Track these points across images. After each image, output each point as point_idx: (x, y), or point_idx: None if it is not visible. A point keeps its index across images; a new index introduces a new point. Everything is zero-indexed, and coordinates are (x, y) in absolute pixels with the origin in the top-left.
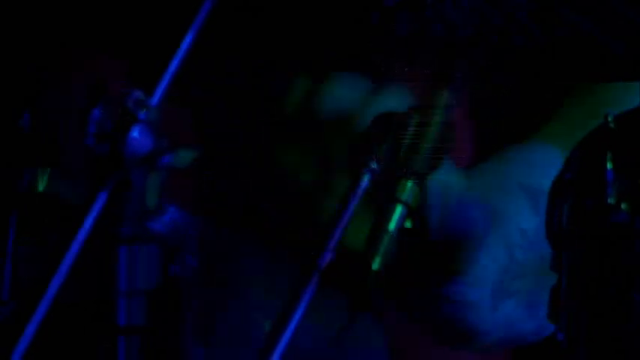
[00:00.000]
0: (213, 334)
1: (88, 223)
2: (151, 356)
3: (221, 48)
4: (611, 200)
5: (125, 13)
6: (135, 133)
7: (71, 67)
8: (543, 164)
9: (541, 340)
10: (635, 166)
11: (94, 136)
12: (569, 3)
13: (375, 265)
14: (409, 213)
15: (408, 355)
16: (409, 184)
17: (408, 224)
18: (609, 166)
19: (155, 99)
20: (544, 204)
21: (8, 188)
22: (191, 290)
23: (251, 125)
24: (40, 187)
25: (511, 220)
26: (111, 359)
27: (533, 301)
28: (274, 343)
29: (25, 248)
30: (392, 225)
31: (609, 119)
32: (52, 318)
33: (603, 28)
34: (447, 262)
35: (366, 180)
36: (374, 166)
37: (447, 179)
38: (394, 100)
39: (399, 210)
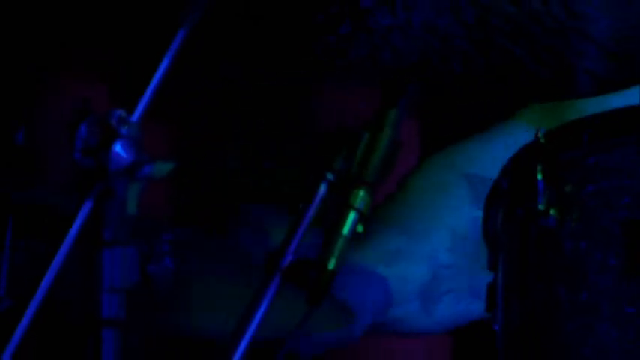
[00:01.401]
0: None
1: (75, 228)
2: (130, 347)
3: (194, 71)
4: (541, 207)
5: (108, 41)
6: (117, 147)
7: (60, 90)
8: (490, 154)
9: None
10: (562, 177)
11: (80, 151)
12: (503, 33)
13: (331, 265)
14: (361, 218)
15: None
16: (361, 192)
17: (360, 229)
18: (539, 177)
19: (135, 117)
20: (482, 190)
21: (4, 197)
22: (168, 287)
23: (223, 139)
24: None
25: (439, 226)
26: (95, 350)
27: (475, 289)
28: (242, 334)
29: (20, 250)
30: (346, 229)
31: (539, 135)
32: (44, 312)
33: (532, 55)
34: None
35: (323, 189)
36: (330, 177)
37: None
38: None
39: (352, 216)
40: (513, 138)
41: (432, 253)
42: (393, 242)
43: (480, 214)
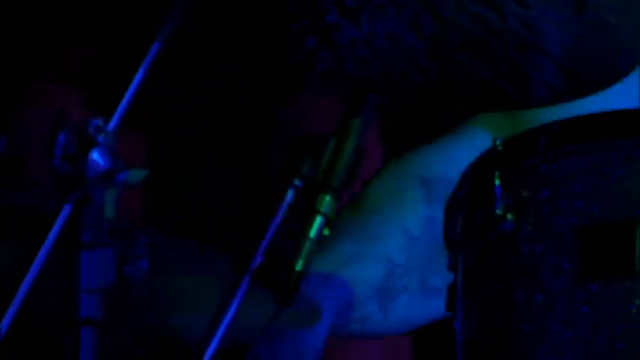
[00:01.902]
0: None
1: (55, 230)
2: (107, 345)
3: (167, 83)
4: (499, 211)
5: (87, 55)
6: (94, 155)
7: (42, 100)
8: (446, 158)
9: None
10: (519, 183)
11: (59, 158)
12: (463, 47)
13: (298, 267)
14: (327, 222)
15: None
16: (327, 198)
17: (326, 232)
18: (497, 182)
19: (112, 126)
20: (437, 190)
21: None
22: (143, 287)
23: (195, 148)
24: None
25: (392, 227)
26: (74, 348)
27: (428, 286)
28: (212, 334)
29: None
30: (312, 233)
31: (497, 143)
32: (25, 311)
33: (491, 68)
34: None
35: (290, 194)
36: (297, 182)
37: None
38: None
39: (318, 220)
40: (470, 143)
41: (386, 253)
42: (346, 247)
43: (433, 214)
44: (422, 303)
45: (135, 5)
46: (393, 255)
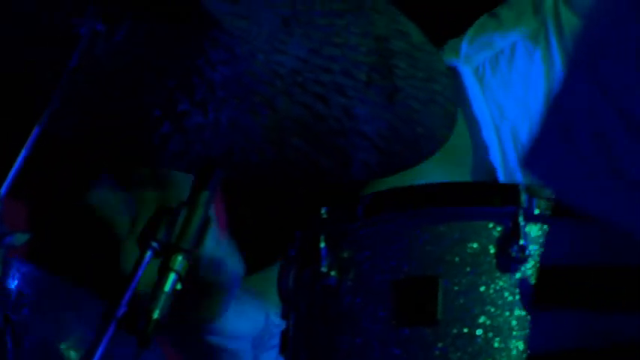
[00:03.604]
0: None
1: None
2: None
3: (46, 161)
4: (324, 269)
5: None
6: None
7: None
8: None
9: None
10: (341, 245)
11: None
12: (293, 131)
13: (155, 315)
14: (179, 278)
15: None
16: (180, 257)
17: (178, 286)
18: (322, 245)
19: None
20: None
21: None
22: (27, 330)
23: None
24: None
25: (272, 293)
26: None
27: None
28: None
29: None
30: (167, 287)
31: (322, 211)
32: None
33: (317, 149)
34: (201, 311)
35: (149, 255)
36: (155, 245)
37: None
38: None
39: (172, 276)
40: None
41: (266, 309)
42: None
43: None
44: None
45: (18, 93)
46: (272, 315)
